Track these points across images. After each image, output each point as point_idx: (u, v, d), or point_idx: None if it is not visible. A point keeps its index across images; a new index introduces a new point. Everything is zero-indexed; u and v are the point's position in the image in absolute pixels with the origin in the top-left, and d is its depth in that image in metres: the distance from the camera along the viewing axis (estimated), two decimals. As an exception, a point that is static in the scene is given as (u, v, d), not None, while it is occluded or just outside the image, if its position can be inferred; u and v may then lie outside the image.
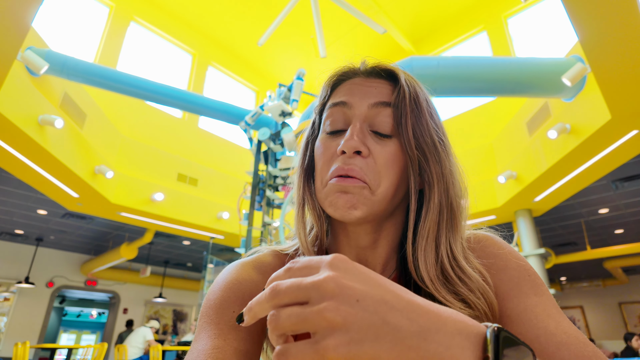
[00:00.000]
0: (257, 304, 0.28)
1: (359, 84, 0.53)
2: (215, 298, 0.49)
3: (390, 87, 0.52)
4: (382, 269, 0.53)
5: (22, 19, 2.71)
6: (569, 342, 0.41)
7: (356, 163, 0.47)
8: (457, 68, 4.00)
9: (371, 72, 0.54)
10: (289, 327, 0.26)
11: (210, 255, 6.79)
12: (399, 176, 0.49)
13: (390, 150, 0.48)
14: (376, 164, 0.47)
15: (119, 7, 6.85)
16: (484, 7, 7.22)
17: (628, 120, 3.50)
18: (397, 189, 0.49)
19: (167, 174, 6.29)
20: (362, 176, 0.46)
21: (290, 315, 0.26)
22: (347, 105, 0.51)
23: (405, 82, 0.51)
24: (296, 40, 8.23)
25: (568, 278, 11.71)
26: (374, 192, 0.47)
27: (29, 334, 8.05)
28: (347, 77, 0.55)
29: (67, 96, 4.54)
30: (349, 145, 0.46)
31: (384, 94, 0.51)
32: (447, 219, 0.49)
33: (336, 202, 0.47)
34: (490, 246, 0.53)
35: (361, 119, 0.49)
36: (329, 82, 0.57)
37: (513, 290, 0.48)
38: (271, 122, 4.71)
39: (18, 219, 6.95)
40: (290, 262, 0.29)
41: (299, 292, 0.26)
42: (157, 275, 10.19)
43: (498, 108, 6.39)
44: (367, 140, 0.48)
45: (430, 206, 0.48)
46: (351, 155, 0.47)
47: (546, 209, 5.64)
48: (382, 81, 0.53)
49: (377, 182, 0.47)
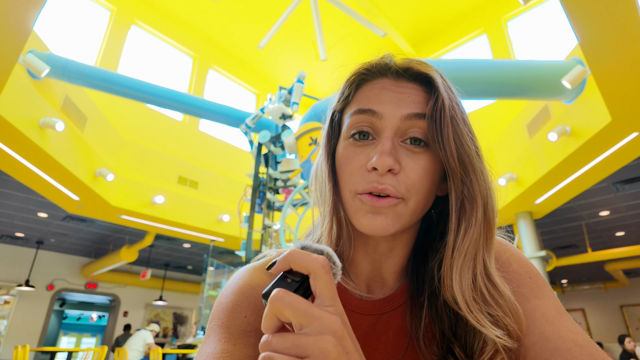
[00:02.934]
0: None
1: (389, 89, 0.48)
2: (227, 302, 0.49)
3: (424, 94, 0.47)
4: (395, 277, 0.53)
5: (24, 23, 2.72)
6: (563, 347, 0.41)
7: (388, 181, 0.43)
8: (457, 71, 4.01)
9: (403, 73, 0.49)
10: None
11: (211, 258, 6.79)
12: (430, 189, 0.46)
13: (423, 165, 0.45)
14: (408, 178, 0.44)
15: (120, 10, 6.87)
16: (484, 10, 7.24)
17: (628, 122, 3.50)
18: (427, 201, 0.47)
19: (168, 177, 6.30)
20: (395, 194, 0.44)
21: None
22: (376, 114, 0.46)
23: (444, 90, 0.46)
24: (296, 43, 8.25)
25: (569, 281, 11.69)
26: (407, 204, 0.45)
27: (29, 337, 8.04)
28: (373, 76, 0.50)
29: (68, 99, 4.55)
30: (382, 164, 0.43)
31: (417, 103, 0.46)
32: (487, 236, 0.46)
33: (371, 224, 0.44)
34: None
35: (392, 132, 0.45)
36: (351, 81, 0.51)
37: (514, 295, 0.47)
38: (272, 125, 4.72)
39: (19, 222, 6.95)
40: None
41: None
42: (158, 278, 10.19)
43: (498, 110, 6.40)
44: (399, 154, 0.45)
45: (472, 222, 0.45)
46: (384, 174, 0.44)
47: (547, 211, 5.63)
48: (415, 86, 0.48)
49: (409, 196, 0.44)
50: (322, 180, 0.52)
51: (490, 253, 0.46)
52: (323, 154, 0.53)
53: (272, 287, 0.32)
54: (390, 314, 0.50)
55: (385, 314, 0.51)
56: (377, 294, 0.53)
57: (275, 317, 0.30)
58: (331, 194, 0.50)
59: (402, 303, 0.51)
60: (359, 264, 0.53)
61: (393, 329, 0.50)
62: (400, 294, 0.51)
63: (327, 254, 0.36)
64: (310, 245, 0.37)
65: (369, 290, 0.53)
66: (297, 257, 0.33)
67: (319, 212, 0.54)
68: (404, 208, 0.44)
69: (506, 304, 0.44)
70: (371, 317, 0.50)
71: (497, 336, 0.41)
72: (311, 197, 0.56)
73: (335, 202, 0.49)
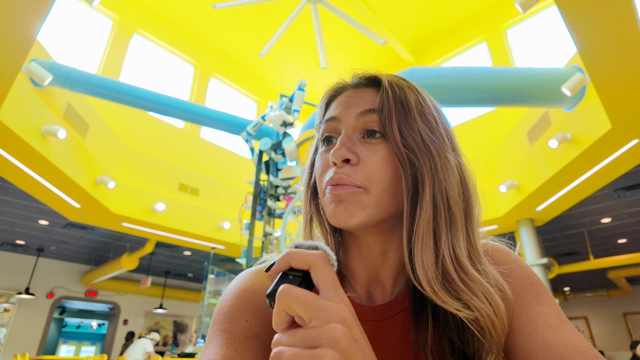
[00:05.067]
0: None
1: (348, 97, 0.53)
2: (228, 306, 0.49)
3: (377, 94, 0.52)
4: (393, 282, 0.53)
5: (27, 32, 2.75)
6: (565, 354, 0.41)
7: (344, 171, 0.47)
8: (457, 78, 4.03)
9: (358, 83, 0.55)
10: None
11: (211, 266, 6.76)
12: (393, 178, 0.48)
13: (380, 154, 0.48)
14: (366, 167, 0.47)
15: (122, 19, 6.94)
16: (484, 18, 7.30)
17: (628, 129, 3.51)
18: (394, 191, 0.48)
19: (169, 184, 6.31)
20: (351, 182, 0.46)
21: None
22: (336, 119, 0.52)
23: (389, 85, 0.51)
24: (297, 51, 8.31)
25: (572, 288, 11.61)
26: (369, 193, 0.46)
27: (29, 345, 7.98)
28: (339, 92, 0.56)
29: (70, 107, 4.58)
30: (336, 155, 0.47)
31: (369, 102, 0.51)
32: (445, 217, 0.47)
33: (334, 212, 0.47)
34: (494, 255, 0.53)
35: (349, 129, 0.50)
36: (323, 100, 0.58)
37: (516, 301, 0.47)
38: (272, 132, 4.73)
39: (19, 229, 6.95)
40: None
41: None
42: (158, 286, 10.14)
43: (498, 118, 6.41)
44: (357, 148, 0.48)
45: (423, 205, 0.46)
46: (341, 165, 0.47)
47: (548, 218, 5.62)
48: (369, 89, 0.53)
49: (370, 184, 0.46)
50: (303, 195, 0.58)
51: (458, 238, 0.47)
52: (307, 166, 0.59)
53: (275, 286, 0.33)
54: (392, 320, 0.50)
55: (386, 319, 0.50)
56: (378, 299, 0.53)
57: (285, 313, 0.31)
58: (305, 200, 0.57)
59: (403, 308, 0.51)
60: (355, 271, 0.54)
61: (394, 335, 0.49)
62: (401, 299, 0.51)
63: (321, 248, 0.38)
64: (303, 243, 0.39)
65: (369, 296, 0.53)
66: (296, 254, 0.34)
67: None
68: (367, 197, 0.47)
69: (477, 287, 0.44)
70: (372, 323, 0.50)
71: (456, 309, 0.42)
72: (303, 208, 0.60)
73: (310, 207, 0.56)
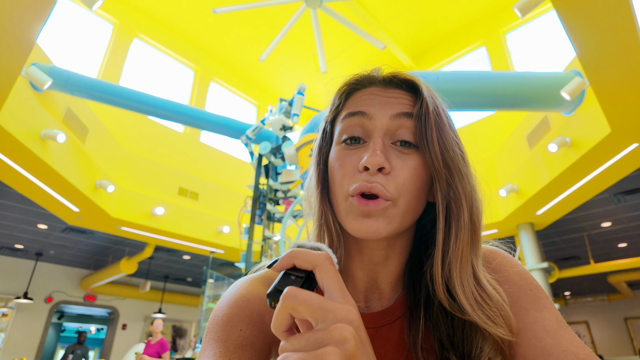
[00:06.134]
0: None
1: (377, 94, 0.50)
2: (223, 315, 0.48)
3: (411, 98, 0.50)
4: (391, 289, 0.52)
5: (28, 36, 2.75)
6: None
7: (378, 180, 0.44)
8: (456, 83, 4.03)
9: (389, 81, 0.51)
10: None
11: (210, 270, 6.73)
12: (419, 191, 0.46)
13: (412, 165, 0.46)
14: (397, 178, 0.45)
15: (122, 24, 6.96)
16: (483, 22, 7.33)
17: (628, 133, 3.51)
18: (417, 202, 0.47)
19: (168, 188, 6.30)
20: (384, 194, 0.44)
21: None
22: (366, 115, 0.48)
23: (428, 95, 0.49)
24: (297, 56, 8.34)
25: (572, 293, 11.57)
26: (397, 205, 0.45)
27: (27, 350, 7.93)
28: (363, 85, 0.52)
29: (69, 111, 4.58)
30: (373, 162, 0.43)
31: (405, 105, 0.48)
32: (472, 239, 0.46)
33: (360, 227, 0.44)
34: (493, 260, 0.52)
35: (382, 131, 0.47)
36: (342, 91, 0.53)
37: (514, 307, 0.47)
38: (272, 136, 4.73)
39: (18, 234, 6.93)
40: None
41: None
42: (157, 291, 10.10)
43: (498, 122, 6.42)
44: (390, 155, 0.46)
45: (461, 225, 0.45)
46: (375, 173, 0.44)
47: (548, 222, 5.61)
48: (402, 92, 0.50)
49: (398, 196, 0.45)
50: (312, 188, 0.53)
51: (477, 257, 0.47)
52: (314, 162, 0.54)
53: (277, 286, 0.32)
54: (388, 327, 0.49)
55: (383, 327, 0.50)
56: (375, 306, 0.52)
57: (288, 315, 0.30)
58: (319, 200, 0.51)
59: (399, 316, 0.50)
60: (355, 275, 0.52)
61: (391, 343, 0.48)
62: (398, 307, 0.51)
63: (323, 250, 0.37)
64: (305, 244, 0.38)
65: (366, 302, 0.52)
66: (301, 253, 0.34)
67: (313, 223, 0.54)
68: (394, 210, 0.45)
69: (495, 305, 0.45)
70: (369, 331, 0.49)
71: (502, 333, 0.42)
72: (304, 208, 0.57)
73: (323, 208, 0.51)
